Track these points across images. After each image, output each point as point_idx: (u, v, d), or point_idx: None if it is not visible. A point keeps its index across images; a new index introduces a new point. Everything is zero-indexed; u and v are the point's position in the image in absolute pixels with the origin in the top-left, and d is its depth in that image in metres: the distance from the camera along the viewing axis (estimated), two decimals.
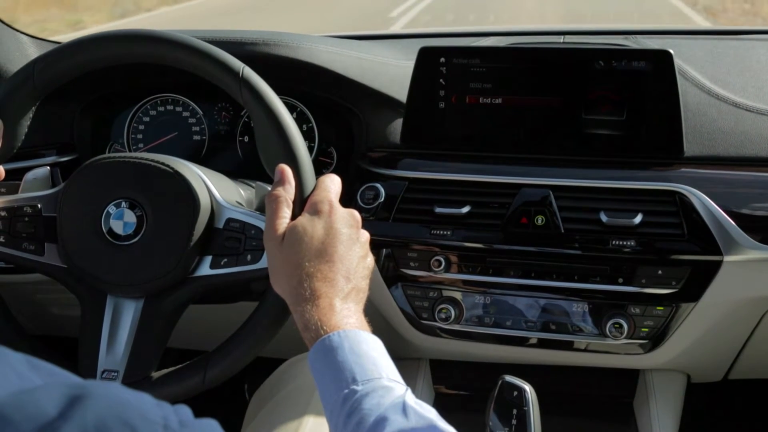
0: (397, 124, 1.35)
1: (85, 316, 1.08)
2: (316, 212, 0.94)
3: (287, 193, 0.96)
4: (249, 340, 1.03)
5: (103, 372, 1.05)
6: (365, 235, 0.97)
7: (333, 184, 0.99)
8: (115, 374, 1.05)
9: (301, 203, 0.98)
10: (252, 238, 1.03)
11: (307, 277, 0.88)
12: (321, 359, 0.83)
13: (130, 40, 1.06)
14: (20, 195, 1.12)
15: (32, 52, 1.50)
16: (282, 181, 0.97)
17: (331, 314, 0.86)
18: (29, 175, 1.20)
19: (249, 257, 1.03)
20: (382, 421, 0.75)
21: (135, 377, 1.05)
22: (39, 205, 1.09)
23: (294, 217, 0.96)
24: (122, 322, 1.06)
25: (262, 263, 1.01)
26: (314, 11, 10.42)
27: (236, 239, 1.04)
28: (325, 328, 0.84)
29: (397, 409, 0.76)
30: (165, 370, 1.07)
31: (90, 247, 1.05)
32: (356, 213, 0.97)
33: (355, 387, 0.79)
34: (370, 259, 0.97)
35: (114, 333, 1.06)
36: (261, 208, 1.09)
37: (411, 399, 0.78)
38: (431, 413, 0.77)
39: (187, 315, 1.10)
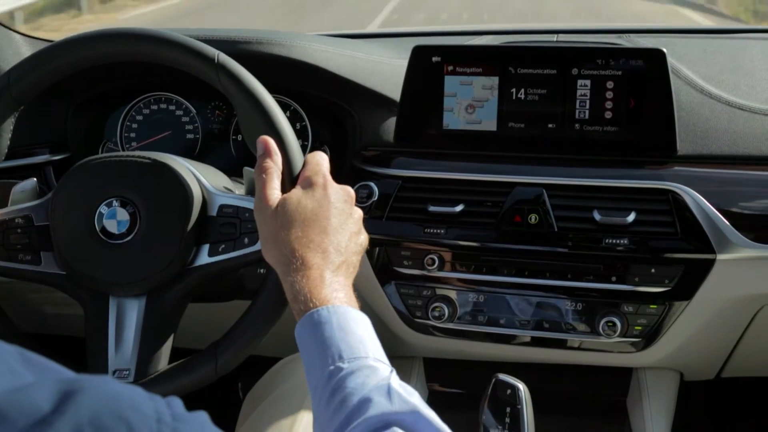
0: (391, 123, 1.35)
1: (89, 319, 1.08)
2: (309, 185, 0.94)
3: (276, 164, 0.96)
4: (256, 323, 1.03)
5: (114, 372, 1.05)
6: (358, 212, 0.97)
7: (324, 160, 0.99)
8: (127, 372, 1.05)
9: (290, 177, 0.98)
10: (247, 221, 1.03)
11: (299, 247, 0.88)
12: (308, 333, 0.83)
13: (103, 40, 1.06)
14: (10, 208, 1.12)
15: (25, 50, 1.49)
16: (268, 153, 0.96)
17: (321, 286, 0.85)
18: (17, 188, 1.20)
19: (246, 240, 1.03)
20: (365, 401, 0.75)
21: (146, 374, 1.05)
22: (30, 215, 1.09)
23: (284, 189, 0.95)
24: (127, 321, 1.06)
25: (260, 245, 1.02)
26: None
27: (231, 224, 1.04)
28: (314, 300, 0.84)
29: (382, 391, 0.76)
30: (176, 363, 1.07)
31: (86, 250, 1.05)
32: (350, 189, 0.97)
33: (340, 364, 0.79)
34: (364, 237, 0.97)
35: (120, 333, 1.06)
36: (251, 192, 1.09)
37: (396, 382, 0.78)
38: (414, 397, 0.77)
39: (186, 313, 1.10)
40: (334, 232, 0.91)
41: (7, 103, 1.07)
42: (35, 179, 1.21)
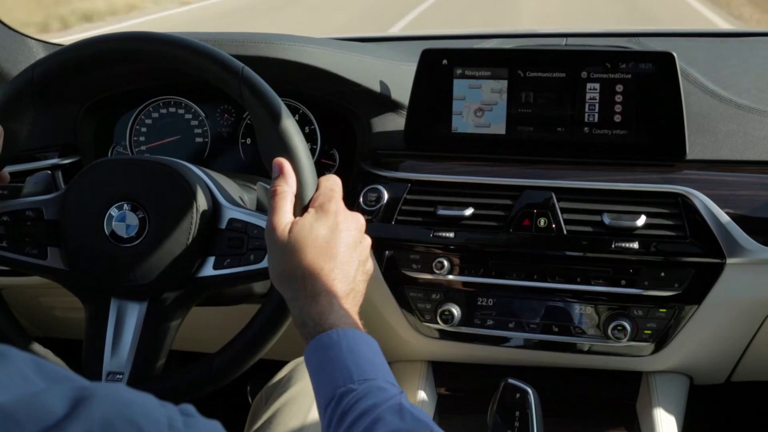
0: (400, 126, 1.35)
1: (89, 319, 1.08)
2: (322, 211, 0.93)
3: (290, 187, 0.96)
4: (255, 337, 1.03)
5: (108, 374, 1.05)
6: (368, 240, 0.97)
7: (337, 185, 0.99)
8: (121, 376, 1.05)
9: (303, 201, 0.97)
10: (254, 238, 1.03)
11: (308, 274, 0.88)
12: (318, 355, 0.84)
13: (131, 41, 1.06)
14: (22, 199, 1.12)
15: (41, 55, 1.50)
16: (283, 176, 0.96)
17: (329, 312, 0.86)
18: (30, 180, 1.20)
19: (252, 257, 1.03)
20: (378, 420, 0.75)
21: (140, 379, 1.05)
22: (41, 209, 1.09)
23: (296, 213, 0.95)
24: (126, 325, 1.06)
25: (266, 263, 1.01)
26: None
27: (239, 239, 1.04)
28: (323, 325, 0.85)
29: (393, 410, 0.76)
30: (169, 372, 1.07)
31: (93, 250, 1.05)
32: (361, 217, 0.97)
33: (351, 386, 0.79)
34: (370, 265, 0.97)
35: (118, 335, 1.06)
36: (262, 208, 1.09)
37: (406, 402, 0.78)
38: (426, 417, 0.77)
39: (189, 317, 1.10)
40: (343, 260, 0.90)
41: (30, 95, 1.07)
42: (49, 172, 1.20)
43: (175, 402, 0.48)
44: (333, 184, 0.98)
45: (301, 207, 0.97)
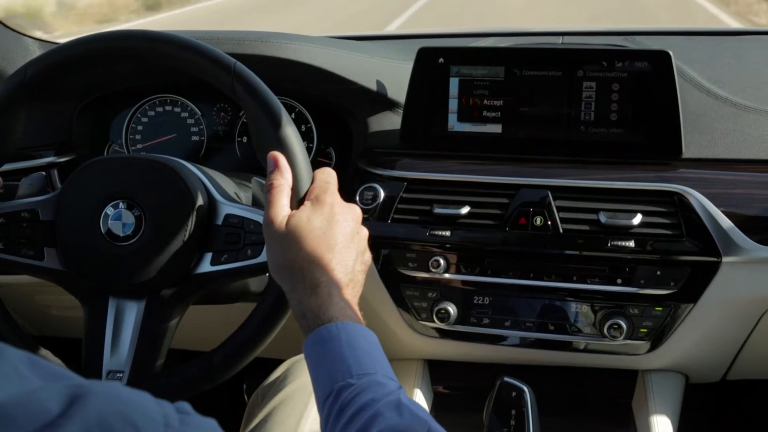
0: (396, 125, 1.35)
1: (87, 319, 1.08)
2: (318, 203, 0.93)
3: (286, 180, 0.96)
4: (255, 333, 1.03)
5: (108, 373, 1.05)
6: (365, 231, 0.97)
7: (332, 177, 0.99)
8: (121, 375, 1.05)
9: (299, 194, 0.97)
10: (251, 233, 1.03)
11: (307, 265, 0.88)
12: (317, 349, 0.83)
13: (123, 40, 1.06)
14: (17, 201, 1.12)
15: (37, 53, 1.49)
16: (279, 169, 0.96)
17: (329, 304, 0.86)
18: (25, 181, 1.20)
19: (249, 252, 1.03)
20: (376, 416, 0.74)
21: (140, 377, 1.05)
22: (37, 210, 1.09)
23: (292, 206, 0.95)
24: (125, 323, 1.06)
25: (263, 257, 1.01)
26: None
27: (235, 234, 1.04)
28: (322, 317, 0.84)
29: (391, 406, 0.76)
30: (170, 370, 1.07)
31: (89, 250, 1.05)
32: (357, 208, 0.97)
33: (350, 380, 0.79)
34: (368, 255, 0.97)
35: (117, 334, 1.06)
36: (258, 203, 1.09)
37: (405, 398, 0.78)
38: (423, 412, 0.77)
39: (187, 316, 1.10)
40: (341, 251, 0.90)
41: (23, 95, 1.06)
42: (44, 173, 1.20)
43: (175, 399, 0.48)
44: (328, 176, 0.98)
45: (297, 200, 0.97)
